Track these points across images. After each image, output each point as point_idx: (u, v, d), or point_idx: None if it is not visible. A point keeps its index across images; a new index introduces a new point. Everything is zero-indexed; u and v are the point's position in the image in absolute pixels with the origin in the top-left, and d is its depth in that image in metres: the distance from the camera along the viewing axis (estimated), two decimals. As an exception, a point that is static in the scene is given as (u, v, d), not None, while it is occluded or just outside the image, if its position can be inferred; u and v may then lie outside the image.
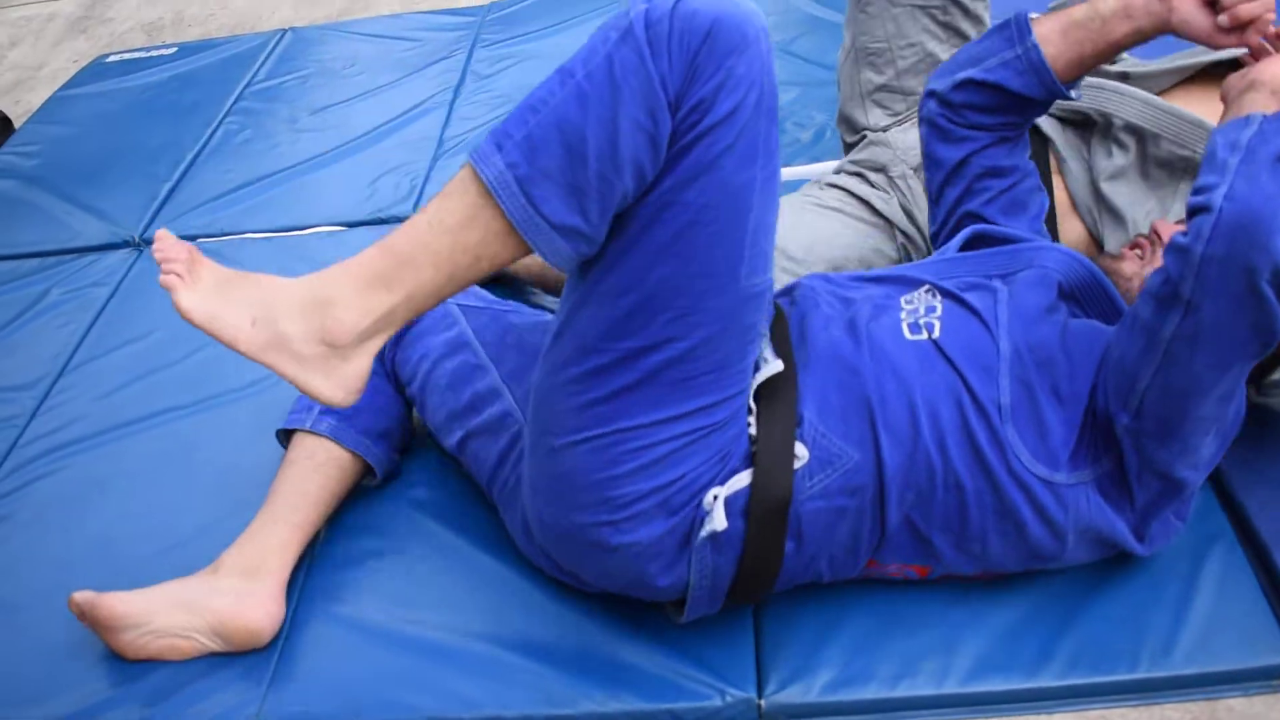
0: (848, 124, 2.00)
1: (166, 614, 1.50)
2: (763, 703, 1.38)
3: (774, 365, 1.32)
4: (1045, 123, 1.80)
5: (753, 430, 1.30)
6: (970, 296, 1.38)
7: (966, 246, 1.52)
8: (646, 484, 1.27)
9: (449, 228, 1.17)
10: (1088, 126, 1.79)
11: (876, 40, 1.92)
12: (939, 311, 1.37)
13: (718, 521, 1.26)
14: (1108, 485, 1.31)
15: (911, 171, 1.84)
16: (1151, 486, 1.30)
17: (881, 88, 1.93)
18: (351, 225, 2.42)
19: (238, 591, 1.51)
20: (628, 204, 1.17)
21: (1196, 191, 1.16)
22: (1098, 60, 1.48)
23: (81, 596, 1.49)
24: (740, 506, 1.29)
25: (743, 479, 1.28)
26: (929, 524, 1.33)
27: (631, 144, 1.12)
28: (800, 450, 1.29)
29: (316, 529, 1.61)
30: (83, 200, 2.68)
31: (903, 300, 1.40)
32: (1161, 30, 1.42)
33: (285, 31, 3.38)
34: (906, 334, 1.34)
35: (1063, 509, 1.30)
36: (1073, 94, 1.52)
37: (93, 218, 2.60)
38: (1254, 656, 1.34)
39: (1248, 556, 1.45)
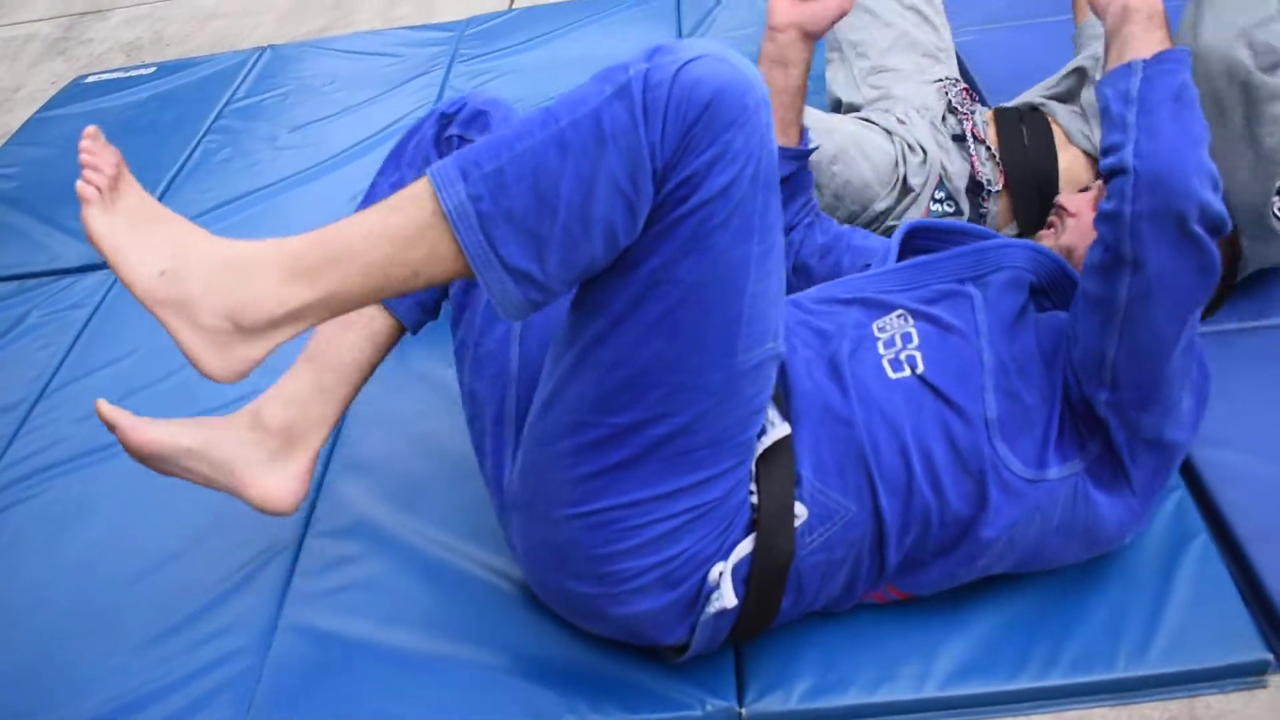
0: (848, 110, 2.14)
1: (193, 461, 1.42)
2: (743, 711, 1.38)
3: (780, 429, 1.28)
4: (1035, 100, 2.01)
5: (754, 498, 1.28)
6: (944, 309, 1.38)
7: (904, 245, 1.53)
8: (647, 560, 1.25)
9: (391, 240, 1.11)
10: (1075, 90, 1.98)
11: (856, 30, 2.11)
12: (915, 340, 1.35)
13: (727, 599, 1.25)
14: (1099, 469, 1.31)
15: (913, 110, 1.99)
16: (1146, 461, 1.30)
17: (872, 69, 2.09)
18: (331, 242, 2.42)
19: (269, 468, 1.44)
20: (597, 269, 1.13)
21: (1105, 152, 1.20)
22: (799, 103, 1.64)
23: (110, 412, 1.38)
24: (743, 574, 1.28)
25: (745, 547, 1.27)
26: (924, 553, 1.33)
27: (606, 205, 1.07)
28: (800, 509, 1.27)
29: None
30: (62, 222, 2.67)
31: (875, 329, 1.38)
32: (810, 39, 1.59)
33: (265, 49, 3.38)
34: (890, 373, 1.32)
35: (1055, 505, 1.30)
36: (811, 145, 1.68)
37: (72, 239, 2.60)
38: (1231, 654, 1.35)
39: (1223, 554, 1.45)
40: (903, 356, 1.33)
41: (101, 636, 1.60)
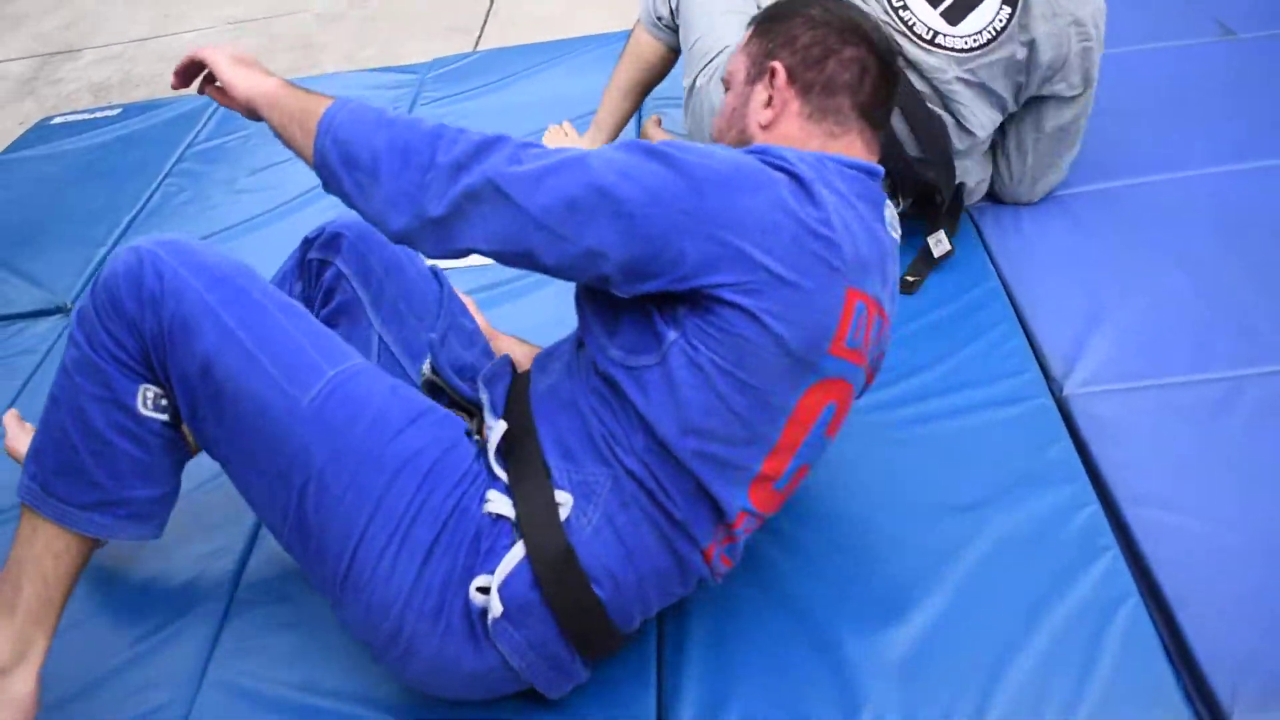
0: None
1: None
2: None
3: (498, 428, 1.34)
4: None
5: (500, 510, 1.29)
6: None
7: None
8: (397, 603, 1.28)
9: (21, 542, 1.40)
10: None
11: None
12: None
13: (494, 608, 1.26)
14: (696, 314, 1.22)
15: None
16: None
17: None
18: (282, 288, 2.41)
19: None
20: (144, 457, 1.38)
21: None
22: None
23: None
24: (529, 579, 1.27)
25: (516, 554, 1.27)
26: (685, 481, 1.27)
27: (102, 417, 1.35)
28: (562, 497, 1.28)
29: None
30: (17, 266, 2.67)
31: None
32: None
33: (229, 91, 3.38)
34: (577, 350, 1.37)
35: (702, 353, 1.21)
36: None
37: (26, 283, 2.59)
38: (1155, 717, 1.33)
39: (1152, 615, 1.44)
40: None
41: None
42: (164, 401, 1.38)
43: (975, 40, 1.99)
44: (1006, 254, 2.13)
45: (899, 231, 1.38)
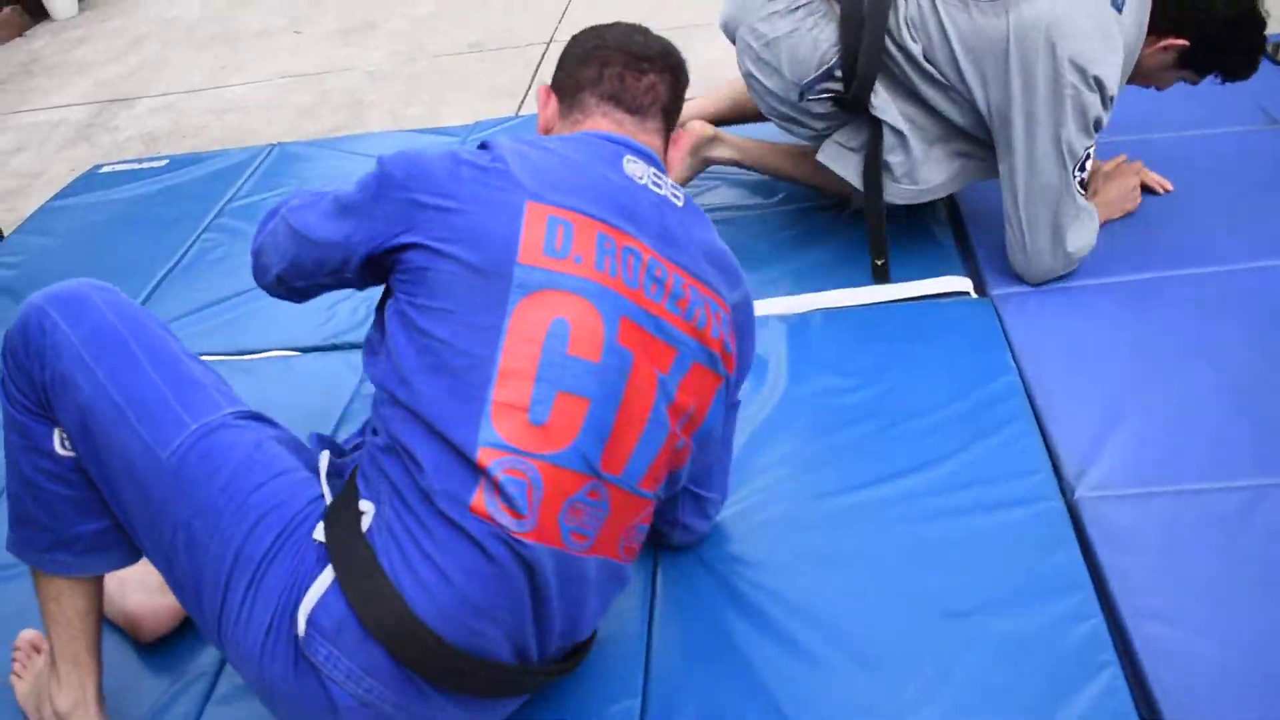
0: None
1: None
2: None
3: (324, 456, 1.42)
4: None
5: (320, 536, 1.30)
6: None
7: None
8: (256, 646, 1.29)
9: (36, 594, 1.51)
10: None
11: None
12: None
13: (300, 627, 1.26)
14: (396, 272, 1.38)
15: None
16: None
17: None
18: (305, 350, 2.43)
19: (154, 592, 1.72)
20: (73, 492, 1.43)
21: None
22: None
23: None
24: (343, 597, 1.25)
25: (325, 578, 1.27)
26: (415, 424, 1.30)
27: (29, 464, 1.43)
28: (365, 506, 1.31)
29: None
30: (50, 316, 2.69)
31: None
32: None
33: (273, 147, 3.42)
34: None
35: (400, 301, 1.36)
36: None
37: (57, 334, 2.61)
38: None
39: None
40: None
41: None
42: None
43: None
44: (1029, 346, 2.09)
45: (667, 188, 1.46)
